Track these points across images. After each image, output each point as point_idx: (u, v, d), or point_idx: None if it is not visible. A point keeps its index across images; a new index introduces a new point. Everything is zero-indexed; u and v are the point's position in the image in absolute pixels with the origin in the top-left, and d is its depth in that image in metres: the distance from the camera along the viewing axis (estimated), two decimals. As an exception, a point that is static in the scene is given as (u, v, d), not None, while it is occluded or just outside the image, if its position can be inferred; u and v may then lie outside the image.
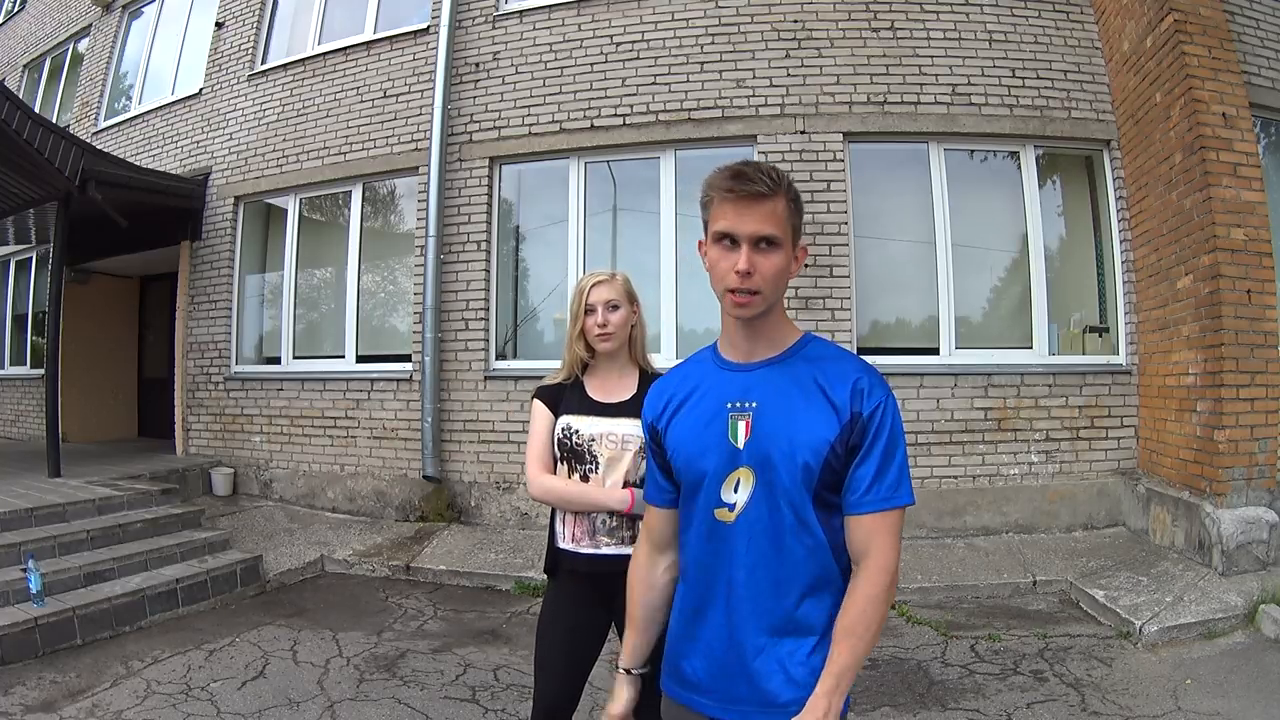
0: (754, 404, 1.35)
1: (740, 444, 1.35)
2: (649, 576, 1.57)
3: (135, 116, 8.86)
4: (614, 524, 2.12)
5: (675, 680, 1.45)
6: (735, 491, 1.35)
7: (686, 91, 6.13)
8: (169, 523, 5.42)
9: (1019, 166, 6.01)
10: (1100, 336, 5.91)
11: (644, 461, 2.00)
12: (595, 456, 2.13)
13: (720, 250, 1.33)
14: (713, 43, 6.14)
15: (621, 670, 1.65)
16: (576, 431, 2.15)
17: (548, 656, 2.16)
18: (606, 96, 6.30)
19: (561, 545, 2.18)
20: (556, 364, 2.31)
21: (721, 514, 1.36)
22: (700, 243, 1.40)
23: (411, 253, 6.86)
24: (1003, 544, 5.35)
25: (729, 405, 1.37)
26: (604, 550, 2.11)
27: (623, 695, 1.64)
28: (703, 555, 1.40)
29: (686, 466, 1.41)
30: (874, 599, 1.28)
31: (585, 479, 2.14)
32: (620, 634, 2.19)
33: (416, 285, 6.66)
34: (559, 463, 2.19)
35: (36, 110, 7.97)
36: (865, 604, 1.28)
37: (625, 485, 2.11)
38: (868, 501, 1.30)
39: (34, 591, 4.12)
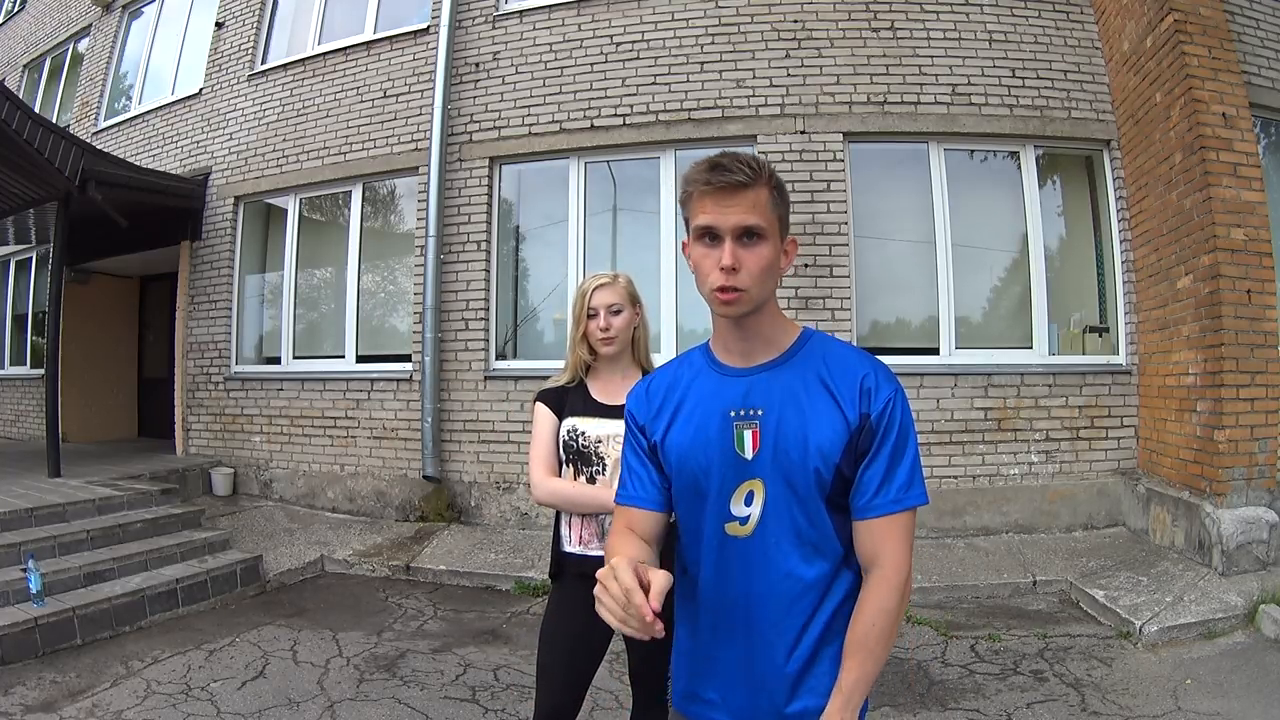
0: (759, 411, 1.28)
1: (748, 455, 1.27)
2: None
3: (135, 116, 8.86)
4: None
5: (689, 699, 1.38)
6: (746, 504, 1.28)
7: (686, 91, 6.13)
8: (169, 523, 5.42)
9: (1019, 166, 6.01)
10: (1100, 336, 5.91)
11: None
12: (602, 458, 2.12)
13: (703, 248, 1.25)
14: (713, 43, 6.14)
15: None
16: (583, 433, 2.14)
17: (551, 663, 2.12)
18: (606, 96, 6.30)
19: (567, 549, 2.15)
20: (556, 364, 2.31)
21: (733, 528, 1.29)
22: (684, 243, 1.32)
23: (411, 253, 6.86)
24: (1003, 544, 5.35)
25: (732, 414, 1.29)
26: None
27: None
28: (716, 571, 1.31)
29: (688, 479, 1.33)
30: (885, 610, 1.21)
31: (592, 481, 2.13)
32: (626, 642, 2.18)
33: (416, 285, 6.66)
34: (564, 465, 2.17)
35: (36, 110, 7.96)
36: (876, 615, 1.21)
37: None
38: (876, 505, 1.24)
39: (34, 591, 4.12)
